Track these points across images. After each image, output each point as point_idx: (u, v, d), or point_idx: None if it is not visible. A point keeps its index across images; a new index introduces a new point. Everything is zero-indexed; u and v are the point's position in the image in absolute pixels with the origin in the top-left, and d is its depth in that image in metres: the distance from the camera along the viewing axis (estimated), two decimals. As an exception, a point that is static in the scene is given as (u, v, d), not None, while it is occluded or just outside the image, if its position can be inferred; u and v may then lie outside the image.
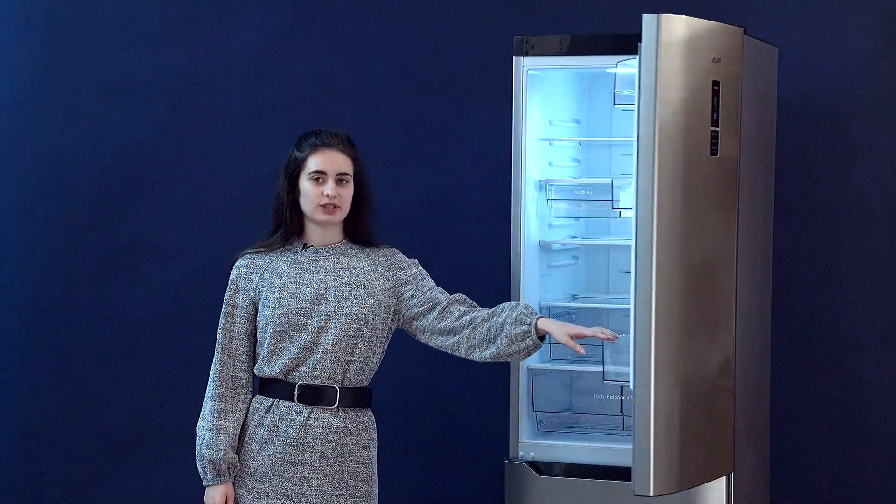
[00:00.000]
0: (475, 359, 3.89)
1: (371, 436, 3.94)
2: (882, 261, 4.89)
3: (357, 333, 3.86)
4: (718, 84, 4.07)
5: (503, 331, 3.84)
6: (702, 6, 4.81)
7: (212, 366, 3.90)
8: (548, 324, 3.84)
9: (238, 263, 3.93)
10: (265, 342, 3.86)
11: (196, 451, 3.85)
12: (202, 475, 3.84)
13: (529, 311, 3.86)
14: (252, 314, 3.88)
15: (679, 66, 3.98)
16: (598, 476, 4.40)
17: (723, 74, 4.09)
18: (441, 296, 3.97)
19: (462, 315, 3.92)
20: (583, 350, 3.87)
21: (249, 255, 3.93)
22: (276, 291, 3.84)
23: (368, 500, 3.92)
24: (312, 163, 3.86)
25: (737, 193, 4.20)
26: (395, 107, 5.31)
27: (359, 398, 3.90)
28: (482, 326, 3.88)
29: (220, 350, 3.87)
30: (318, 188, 3.85)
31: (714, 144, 4.07)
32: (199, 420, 3.87)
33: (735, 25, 4.16)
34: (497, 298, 4.61)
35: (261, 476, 3.84)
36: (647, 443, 3.96)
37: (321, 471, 3.84)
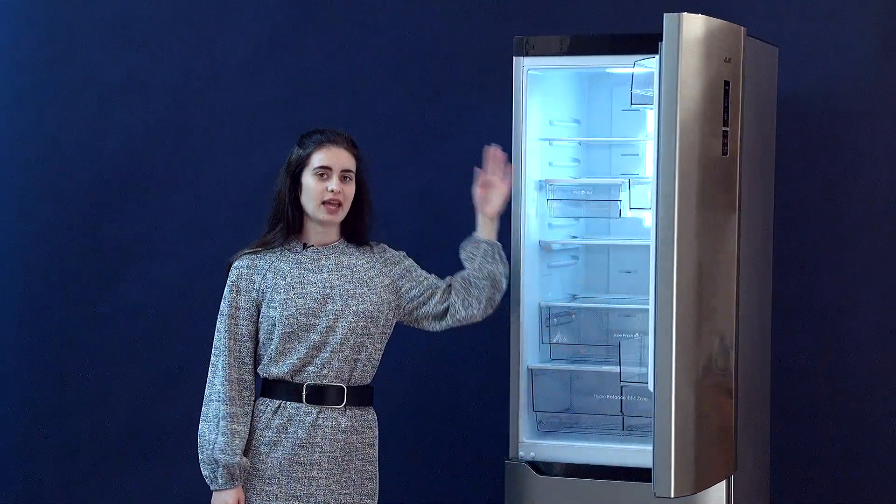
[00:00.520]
0: (476, 311, 4.06)
1: (375, 433, 3.95)
2: (882, 261, 4.89)
3: (364, 331, 3.87)
4: (729, 84, 4.06)
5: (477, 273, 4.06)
6: (702, 6, 4.81)
7: (212, 368, 3.86)
8: (480, 226, 4.15)
9: (237, 265, 3.90)
10: (271, 343, 3.84)
11: (203, 456, 3.79)
12: (212, 480, 3.79)
13: (474, 243, 4.12)
14: (255, 316, 3.87)
15: (697, 66, 3.97)
16: (598, 476, 4.39)
17: (732, 74, 4.09)
18: (438, 281, 4.06)
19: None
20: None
21: (249, 256, 3.90)
22: (282, 292, 3.83)
23: (373, 498, 3.94)
24: (318, 158, 3.87)
25: (739, 193, 4.20)
26: (395, 107, 5.31)
27: (364, 396, 3.91)
28: (463, 286, 4.06)
29: (226, 353, 3.83)
30: (323, 184, 3.86)
31: (725, 144, 4.07)
32: (203, 424, 3.81)
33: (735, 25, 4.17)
34: (497, 298, 4.62)
35: (269, 478, 3.83)
36: (668, 444, 3.96)
37: (329, 470, 3.84)
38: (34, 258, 5.63)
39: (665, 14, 3.94)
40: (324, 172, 3.86)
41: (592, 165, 4.95)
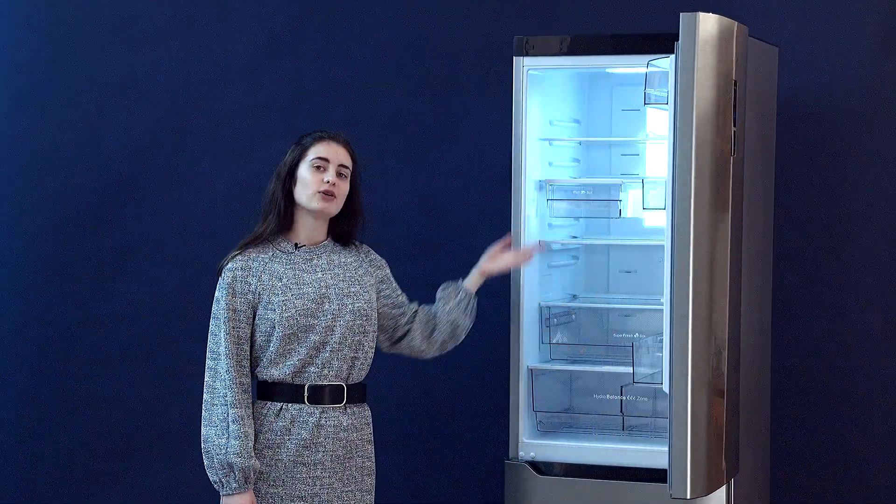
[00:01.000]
0: (428, 349, 4.13)
1: (371, 429, 3.97)
2: (882, 261, 4.89)
3: (360, 329, 3.88)
4: (737, 84, 4.06)
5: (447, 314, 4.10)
6: (702, 6, 4.81)
7: (210, 372, 3.82)
8: (470, 276, 4.20)
9: (230, 267, 3.88)
10: (269, 345, 3.84)
11: (212, 462, 3.75)
12: (224, 485, 3.75)
13: (455, 287, 4.15)
14: (251, 318, 3.86)
15: (712, 65, 3.98)
16: (598, 476, 4.40)
17: (739, 74, 4.09)
18: (408, 302, 4.11)
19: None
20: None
21: (241, 258, 3.89)
22: (280, 294, 3.83)
23: (371, 493, 3.95)
24: (316, 151, 3.90)
25: (741, 193, 4.20)
26: (395, 107, 5.31)
27: (360, 394, 3.93)
28: (428, 320, 4.11)
29: (228, 356, 3.81)
30: (319, 175, 3.87)
31: (733, 145, 4.06)
32: (209, 429, 3.76)
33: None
34: (497, 298, 4.62)
35: (274, 480, 3.83)
36: (685, 445, 3.96)
37: (332, 469, 3.85)
38: (34, 258, 5.63)
39: (681, 14, 3.94)
40: (321, 164, 3.88)
41: (592, 165, 4.95)
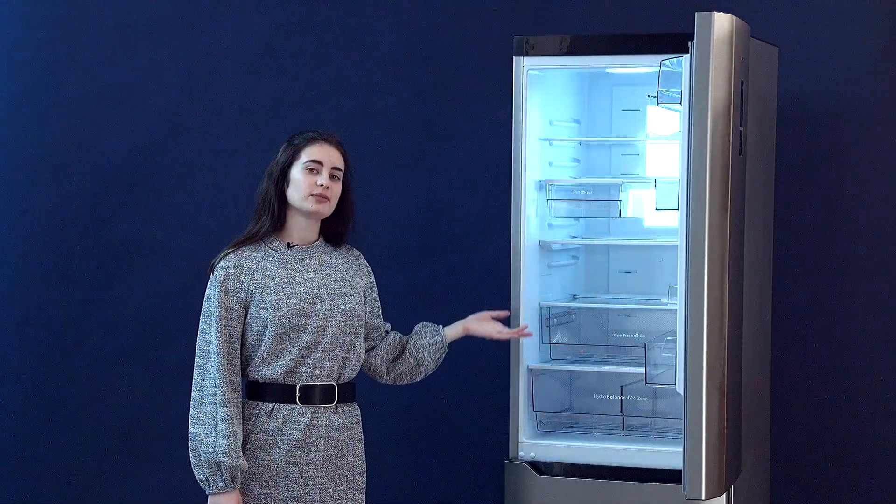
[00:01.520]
0: (386, 373, 4.12)
1: (361, 428, 3.97)
2: (882, 261, 4.89)
3: (352, 330, 3.88)
4: (744, 84, 4.07)
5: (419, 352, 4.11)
6: (702, 6, 4.81)
7: (199, 370, 3.81)
8: (452, 327, 4.19)
9: (223, 265, 3.87)
10: (261, 345, 3.83)
11: (199, 460, 3.74)
12: (210, 483, 3.75)
13: (434, 331, 4.15)
14: (243, 317, 3.86)
15: (724, 65, 3.98)
16: (598, 476, 4.40)
17: (745, 74, 4.09)
18: (382, 321, 4.11)
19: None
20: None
21: (234, 257, 3.88)
22: (272, 293, 3.83)
23: (363, 491, 3.95)
24: (309, 153, 3.88)
25: (744, 194, 4.20)
26: (395, 107, 5.31)
27: (350, 393, 3.94)
28: (396, 347, 4.12)
29: (218, 354, 3.81)
30: (313, 178, 3.86)
31: (740, 144, 4.07)
32: (197, 427, 3.76)
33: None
34: (497, 298, 4.62)
35: (266, 481, 3.82)
36: (700, 446, 3.96)
37: (324, 469, 3.85)
38: (34, 258, 5.63)
39: (697, 13, 3.95)
40: (314, 167, 3.87)
41: (592, 165, 4.95)
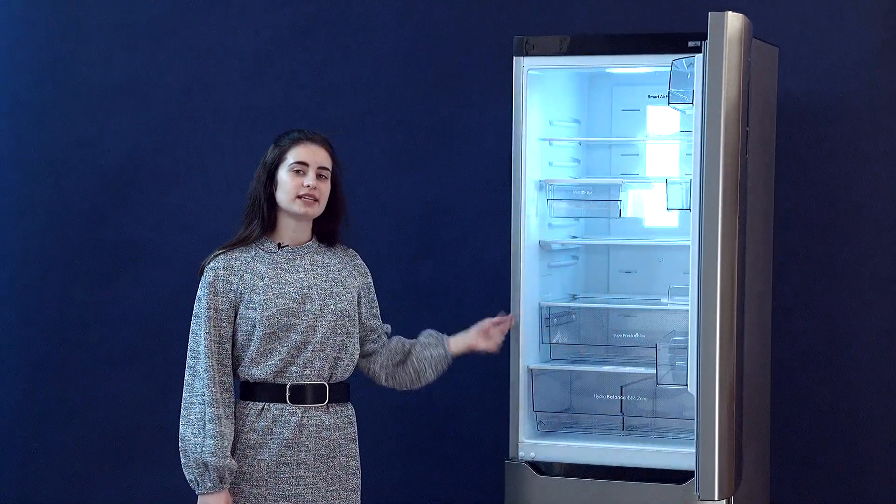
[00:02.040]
0: (385, 378, 4.10)
1: (355, 429, 3.97)
2: (882, 261, 4.89)
3: (343, 330, 3.88)
4: (749, 84, 4.07)
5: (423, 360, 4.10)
6: (703, 6, 4.81)
7: (190, 371, 3.81)
8: (457, 340, 4.16)
9: (212, 266, 3.88)
10: (251, 345, 3.84)
11: (188, 460, 3.75)
12: (199, 483, 3.75)
13: (438, 341, 4.13)
14: (233, 318, 3.86)
15: (736, 65, 3.99)
16: (598, 476, 4.40)
17: (749, 74, 4.10)
18: (381, 324, 4.09)
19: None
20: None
21: (224, 258, 3.89)
22: (261, 293, 3.83)
23: (357, 492, 3.95)
24: (295, 154, 3.87)
25: (746, 193, 4.20)
26: (395, 107, 5.31)
27: (343, 393, 3.93)
28: (398, 354, 4.10)
29: (207, 355, 3.80)
30: (299, 179, 3.86)
31: (745, 144, 4.07)
32: (186, 427, 3.77)
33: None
34: (497, 298, 4.62)
35: (257, 480, 3.82)
36: (712, 447, 3.96)
37: (315, 468, 3.85)
38: (34, 258, 5.63)
39: (710, 13, 3.96)
40: (300, 168, 3.86)
41: (592, 165, 4.95)
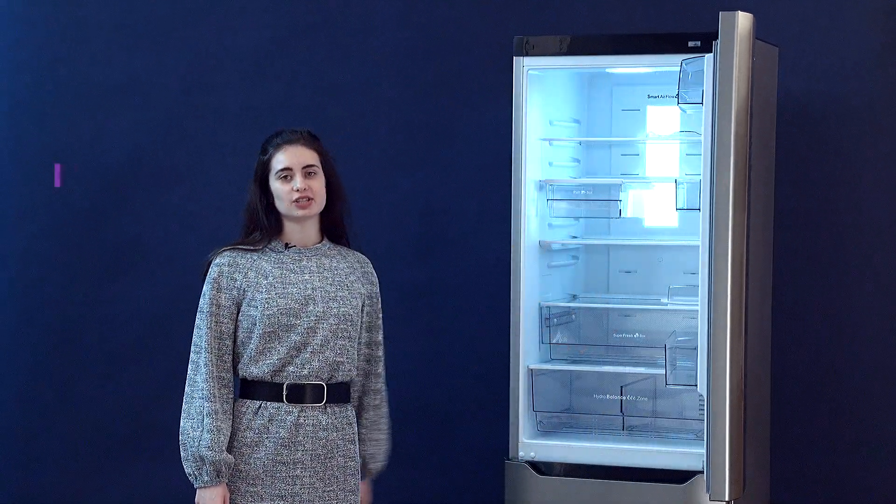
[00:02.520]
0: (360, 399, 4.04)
1: (354, 430, 3.96)
2: (882, 261, 4.89)
3: (345, 334, 3.87)
4: (753, 83, 4.07)
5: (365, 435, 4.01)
6: (703, 6, 4.82)
7: (192, 365, 3.83)
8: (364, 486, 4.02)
9: (218, 262, 3.88)
10: (251, 342, 3.84)
11: (186, 454, 3.76)
12: (196, 477, 3.77)
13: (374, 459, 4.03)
14: (235, 314, 3.86)
15: (745, 64, 4.00)
16: (598, 476, 4.40)
17: (752, 73, 4.11)
18: (380, 351, 4.02)
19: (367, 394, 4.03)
20: None
21: (230, 254, 3.89)
22: (264, 291, 3.83)
23: (356, 493, 3.94)
24: (278, 161, 3.87)
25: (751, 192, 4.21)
26: (395, 107, 5.31)
27: (342, 394, 3.92)
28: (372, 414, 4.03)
29: (208, 350, 3.82)
30: (288, 185, 3.85)
31: (751, 144, 4.07)
32: (186, 421, 3.78)
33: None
34: (497, 298, 4.62)
35: (253, 479, 3.83)
36: (723, 447, 3.97)
37: (312, 468, 3.85)
38: (34, 258, 5.63)
39: (721, 13, 3.97)
40: (287, 174, 3.86)
41: (592, 165, 4.95)
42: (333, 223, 3.97)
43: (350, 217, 3.97)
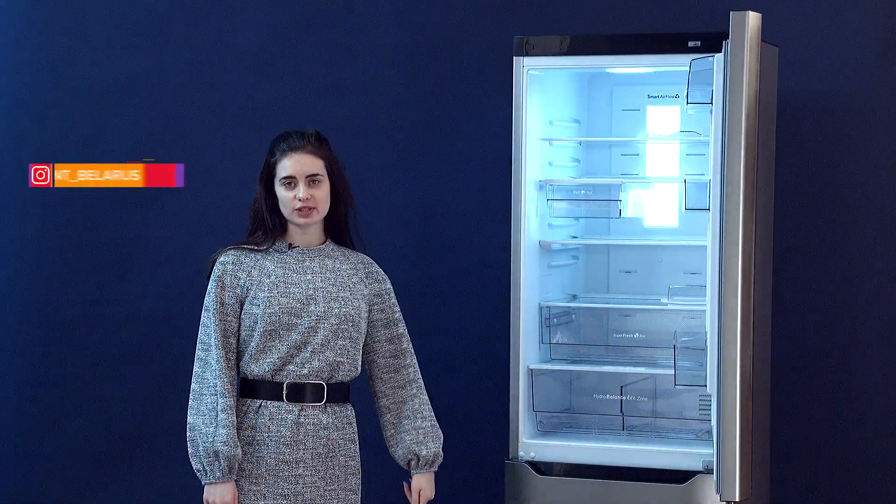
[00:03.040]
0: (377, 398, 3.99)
1: (355, 429, 3.96)
2: (882, 260, 4.89)
3: (345, 334, 3.87)
4: (759, 83, 4.08)
5: (403, 438, 3.95)
6: (703, 6, 4.82)
7: (199, 363, 3.84)
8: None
9: (222, 260, 3.90)
10: (252, 340, 3.85)
11: (197, 450, 3.75)
12: (208, 472, 3.76)
13: (425, 459, 3.99)
14: (238, 312, 3.87)
15: (755, 63, 4.01)
16: (598, 476, 4.40)
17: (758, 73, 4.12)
18: (407, 343, 4.00)
19: (399, 387, 3.98)
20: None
21: (234, 252, 3.90)
22: (266, 290, 3.84)
23: (357, 492, 3.94)
24: (283, 168, 3.86)
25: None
26: (395, 107, 5.31)
27: (343, 393, 3.93)
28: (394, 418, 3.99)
29: (217, 346, 3.83)
30: (291, 192, 3.85)
31: (758, 144, 4.08)
32: (196, 418, 3.77)
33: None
34: (497, 298, 4.62)
35: (256, 478, 3.83)
36: (734, 447, 3.97)
37: (314, 467, 3.85)
38: (34, 258, 5.63)
39: (732, 13, 3.98)
40: (290, 181, 3.86)
41: (592, 165, 4.95)
42: (337, 225, 3.97)
43: (356, 220, 3.97)
